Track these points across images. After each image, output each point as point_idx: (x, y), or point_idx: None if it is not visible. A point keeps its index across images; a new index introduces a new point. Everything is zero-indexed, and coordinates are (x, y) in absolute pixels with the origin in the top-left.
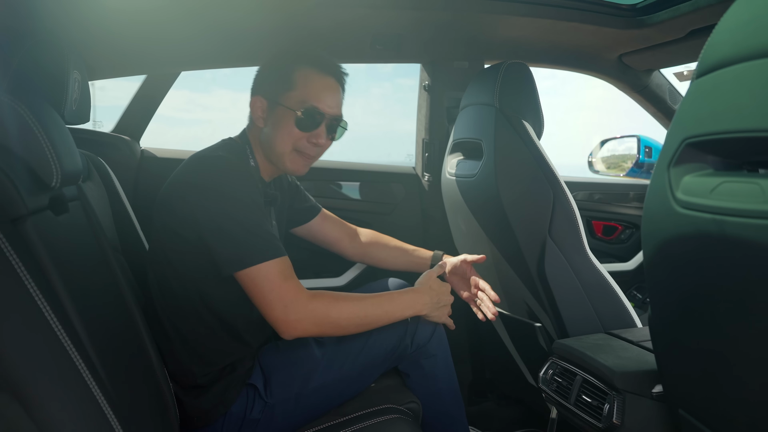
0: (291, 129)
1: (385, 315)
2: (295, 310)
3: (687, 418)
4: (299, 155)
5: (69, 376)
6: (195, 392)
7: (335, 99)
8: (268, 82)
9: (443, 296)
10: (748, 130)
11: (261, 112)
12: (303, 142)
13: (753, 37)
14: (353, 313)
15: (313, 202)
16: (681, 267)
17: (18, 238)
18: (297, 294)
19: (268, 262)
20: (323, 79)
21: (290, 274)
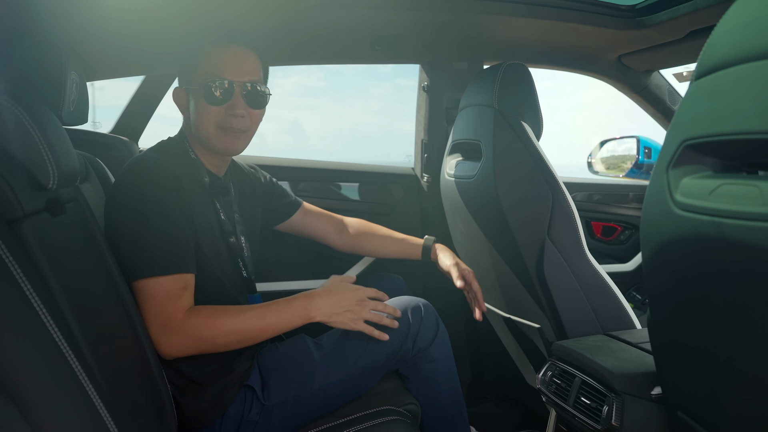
0: (205, 107)
1: (268, 327)
2: (168, 331)
3: (686, 421)
4: (225, 132)
5: (65, 379)
6: (192, 393)
7: (244, 65)
8: (181, 71)
9: (345, 300)
10: (747, 132)
11: (183, 102)
12: (222, 116)
13: (752, 38)
14: (230, 329)
15: (292, 197)
16: (680, 269)
17: (14, 240)
18: (174, 315)
19: (157, 277)
20: (225, 49)
21: (177, 294)
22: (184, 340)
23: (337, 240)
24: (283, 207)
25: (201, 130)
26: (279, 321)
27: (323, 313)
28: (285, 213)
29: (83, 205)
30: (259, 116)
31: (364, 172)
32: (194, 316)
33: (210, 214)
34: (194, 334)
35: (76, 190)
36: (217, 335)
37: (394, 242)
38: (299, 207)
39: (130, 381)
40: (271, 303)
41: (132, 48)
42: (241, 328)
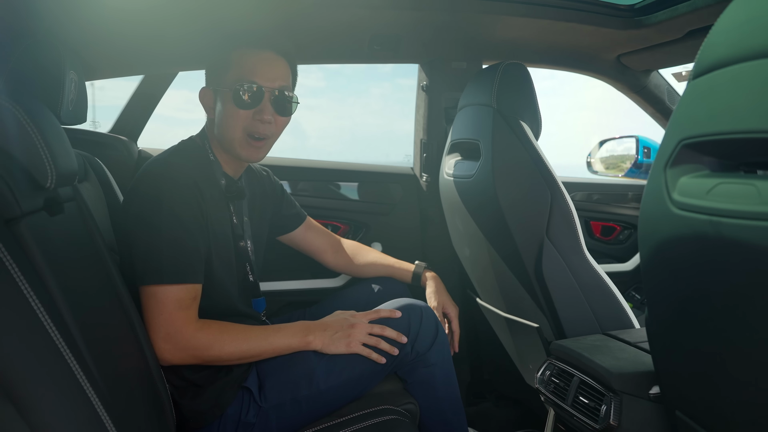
0: (233, 110)
1: (270, 347)
2: (177, 340)
3: (684, 420)
4: (250, 139)
5: (63, 378)
6: (191, 394)
7: (275, 71)
8: (210, 71)
9: (339, 328)
10: (745, 131)
11: (208, 102)
12: (249, 120)
13: (750, 38)
14: (236, 347)
15: (298, 209)
16: (678, 269)
17: (12, 240)
18: (184, 325)
19: (169, 285)
20: (259, 54)
21: (188, 304)
22: (188, 352)
23: (332, 259)
24: (289, 219)
25: (226, 134)
26: (281, 344)
27: (320, 341)
28: (289, 225)
29: (82, 205)
30: (284, 123)
31: (364, 171)
32: (204, 330)
33: (224, 217)
34: (200, 349)
35: (75, 189)
36: (222, 352)
37: (386, 268)
38: (303, 221)
39: (128, 381)
40: (274, 327)
41: (131, 47)
42: (246, 347)
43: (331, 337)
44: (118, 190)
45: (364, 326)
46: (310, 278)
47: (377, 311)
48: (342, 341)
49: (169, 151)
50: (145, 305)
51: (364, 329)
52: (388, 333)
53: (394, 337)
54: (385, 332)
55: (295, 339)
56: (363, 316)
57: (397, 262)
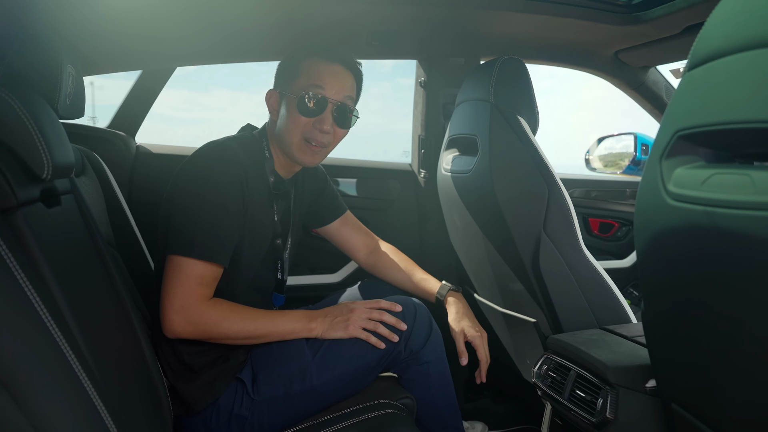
0: (296, 116)
1: (275, 329)
2: (189, 314)
3: (680, 412)
4: (308, 144)
5: (59, 368)
6: (185, 377)
7: (341, 85)
8: (279, 75)
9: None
10: (740, 122)
11: (273, 103)
12: (309, 128)
13: (745, 28)
14: (244, 326)
15: (339, 202)
16: (673, 260)
17: (8, 229)
18: (199, 301)
19: (196, 260)
20: (328, 66)
21: (208, 283)
22: (198, 327)
23: (364, 258)
24: (326, 211)
25: (285, 137)
26: (285, 327)
27: (321, 327)
28: (327, 217)
29: (79, 198)
30: (343, 135)
31: (362, 167)
32: (215, 307)
33: (266, 213)
34: (210, 324)
35: (72, 182)
36: (231, 328)
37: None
38: (340, 216)
39: (124, 373)
40: (280, 312)
41: (129, 43)
42: (252, 328)
43: (331, 322)
44: (115, 185)
45: (362, 311)
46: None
47: (377, 301)
48: (341, 325)
49: (229, 138)
50: (168, 274)
51: (362, 314)
52: (386, 318)
53: (393, 323)
54: (383, 317)
55: (299, 324)
56: (363, 304)
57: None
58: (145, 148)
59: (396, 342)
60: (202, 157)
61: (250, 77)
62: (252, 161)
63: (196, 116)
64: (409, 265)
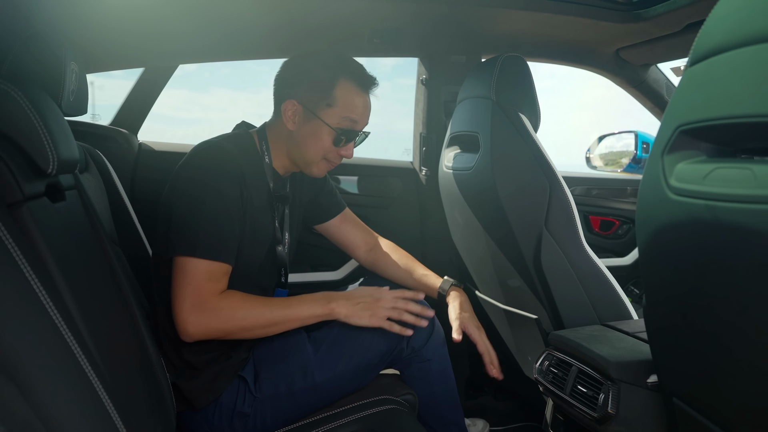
0: (326, 143)
1: (293, 315)
2: (203, 310)
3: (681, 407)
4: (326, 164)
5: (65, 360)
6: (187, 375)
7: (367, 116)
8: (304, 89)
9: (363, 300)
10: (741, 116)
11: (293, 116)
12: (333, 153)
13: (746, 23)
14: (261, 314)
15: (338, 199)
16: (675, 254)
17: (14, 223)
18: (211, 295)
19: (202, 259)
20: (362, 98)
21: (218, 277)
22: (215, 320)
23: (363, 256)
24: (325, 208)
25: (307, 155)
26: (303, 311)
27: (345, 310)
28: (326, 214)
29: (83, 194)
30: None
31: (363, 165)
32: (228, 298)
33: (265, 217)
34: (227, 313)
35: (76, 178)
36: (247, 317)
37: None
38: (339, 213)
39: (128, 367)
40: (296, 297)
41: (132, 40)
42: (270, 315)
43: (354, 306)
44: (118, 182)
45: (388, 300)
46: (309, 270)
47: (402, 291)
48: (366, 312)
49: (224, 137)
50: (177, 275)
51: (388, 303)
52: (412, 307)
53: (419, 311)
54: (408, 306)
55: (318, 307)
56: (390, 293)
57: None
58: (148, 145)
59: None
60: (198, 159)
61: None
62: (249, 161)
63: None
64: (410, 262)
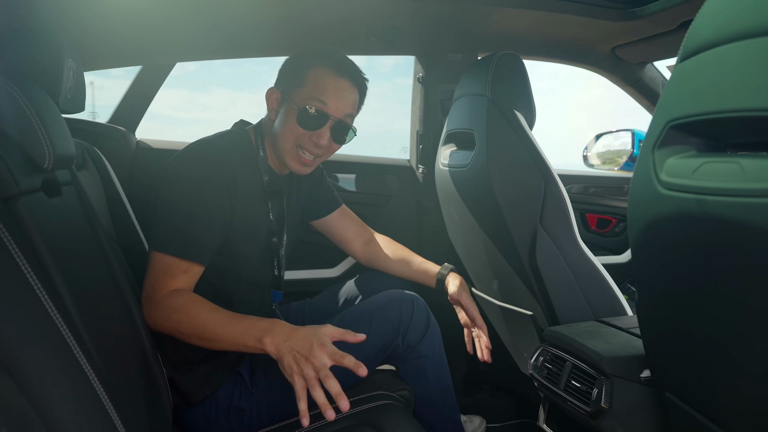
0: (293, 125)
1: (224, 336)
2: (149, 303)
3: (673, 400)
4: (300, 154)
5: (60, 353)
6: (183, 369)
7: (345, 100)
8: (284, 76)
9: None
10: (730, 111)
11: (274, 105)
12: (305, 139)
13: (734, 19)
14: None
15: (334, 195)
16: (665, 248)
17: (10, 217)
18: (159, 289)
19: (166, 255)
20: (335, 81)
21: (174, 274)
22: (158, 315)
23: (360, 251)
24: (322, 204)
25: (279, 141)
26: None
27: (274, 343)
28: (323, 210)
29: (80, 190)
30: (336, 149)
31: (361, 163)
32: (174, 296)
33: (260, 212)
34: (166, 312)
35: (73, 174)
36: (181, 322)
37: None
38: (337, 208)
39: (124, 361)
40: (243, 316)
41: (129, 38)
42: (202, 326)
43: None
44: (116, 180)
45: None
46: (307, 268)
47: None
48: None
49: (219, 135)
50: (147, 268)
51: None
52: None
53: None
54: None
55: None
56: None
57: (423, 262)
58: (145, 143)
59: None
60: (188, 156)
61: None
62: (243, 158)
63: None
64: (406, 253)
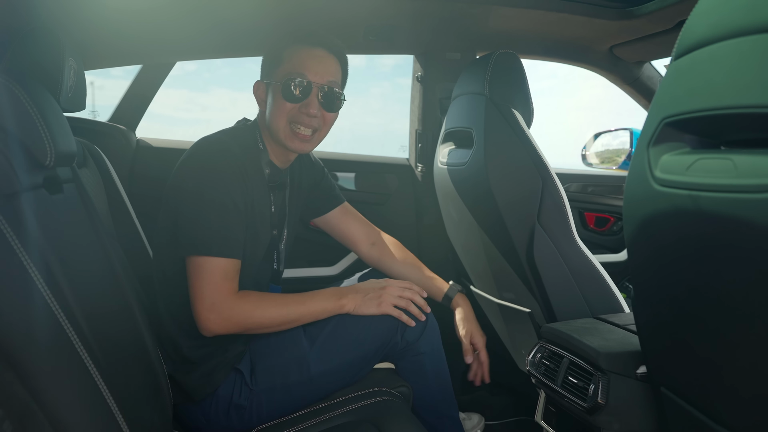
0: (281, 102)
1: (307, 311)
2: (221, 309)
3: (668, 395)
4: (295, 131)
5: (62, 348)
6: (185, 369)
7: (325, 67)
8: (264, 66)
9: (370, 291)
10: (723, 108)
11: (262, 95)
12: (295, 112)
13: (727, 18)
14: (277, 312)
15: (336, 192)
16: (660, 245)
17: (12, 213)
18: (228, 295)
19: (217, 258)
20: (310, 50)
21: (232, 276)
22: (234, 318)
23: (366, 251)
24: (325, 200)
25: (273, 124)
26: (315, 306)
27: (353, 303)
28: (324, 207)
29: (81, 187)
30: (332, 119)
31: (360, 162)
32: (244, 299)
33: (263, 204)
34: (246, 313)
35: (74, 172)
36: (264, 316)
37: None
38: (339, 204)
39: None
40: (309, 293)
41: (130, 37)
42: (285, 312)
43: (363, 298)
44: (116, 178)
45: (395, 288)
46: (306, 266)
47: (408, 283)
48: (373, 301)
49: (222, 132)
50: (194, 275)
51: (395, 291)
52: (418, 299)
53: (422, 304)
54: (415, 298)
55: (330, 302)
56: (395, 283)
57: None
58: (145, 141)
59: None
60: (200, 155)
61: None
62: (247, 153)
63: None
64: (416, 262)
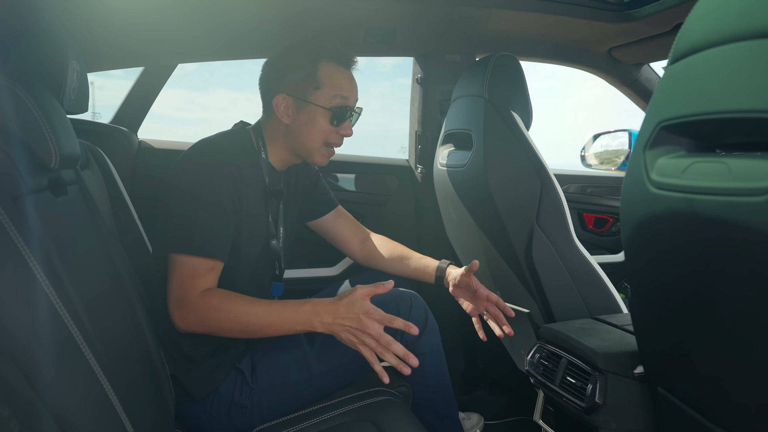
0: (324, 125)
1: (270, 326)
2: (181, 305)
3: (665, 395)
4: (328, 148)
5: (67, 348)
6: (186, 367)
7: (356, 90)
8: (290, 80)
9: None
10: (718, 112)
11: (285, 109)
12: (333, 135)
13: (722, 23)
14: (236, 318)
15: (330, 195)
16: (656, 247)
17: (18, 215)
18: (190, 291)
19: (189, 255)
20: (345, 73)
21: (201, 273)
22: (193, 317)
23: (358, 250)
24: (319, 204)
25: (308, 143)
26: (283, 323)
27: (324, 324)
28: (319, 210)
29: (84, 189)
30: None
31: (360, 163)
32: (207, 296)
33: (260, 212)
34: (202, 313)
35: (78, 174)
36: (222, 319)
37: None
38: (334, 208)
39: (128, 357)
40: (282, 302)
41: (132, 39)
42: (245, 320)
43: (336, 320)
44: (119, 180)
45: (374, 332)
46: (306, 267)
47: (393, 319)
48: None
49: (220, 134)
50: (169, 272)
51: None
52: (396, 348)
53: (402, 354)
54: (392, 347)
55: (300, 325)
56: (379, 318)
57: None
58: (147, 143)
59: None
60: (195, 156)
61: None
62: (245, 157)
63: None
64: (404, 251)
